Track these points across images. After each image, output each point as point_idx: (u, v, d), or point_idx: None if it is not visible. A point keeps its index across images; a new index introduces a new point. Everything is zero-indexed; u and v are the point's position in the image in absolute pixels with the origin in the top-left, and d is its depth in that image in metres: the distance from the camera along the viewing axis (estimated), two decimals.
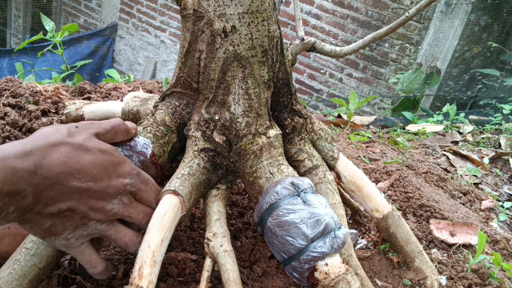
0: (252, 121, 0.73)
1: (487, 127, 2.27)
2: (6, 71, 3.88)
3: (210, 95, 0.73)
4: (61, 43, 1.95)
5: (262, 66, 0.72)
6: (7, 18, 5.42)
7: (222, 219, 0.71)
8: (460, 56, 3.40)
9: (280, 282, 0.78)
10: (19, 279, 0.60)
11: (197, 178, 0.71)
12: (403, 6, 3.49)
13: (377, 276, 0.87)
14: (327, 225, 0.63)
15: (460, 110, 2.62)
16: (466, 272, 0.89)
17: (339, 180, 0.86)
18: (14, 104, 1.18)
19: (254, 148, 0.72)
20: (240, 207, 1.00)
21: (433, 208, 1.10)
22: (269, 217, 0.65)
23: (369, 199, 0.85)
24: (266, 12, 0.70)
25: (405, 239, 0.85)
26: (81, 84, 1.40)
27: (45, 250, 0.63)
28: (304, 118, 0.85)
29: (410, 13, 0.76)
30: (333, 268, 0.62)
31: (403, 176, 1.26)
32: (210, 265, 0.67)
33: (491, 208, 1.29)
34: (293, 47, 0.87)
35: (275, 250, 0.66)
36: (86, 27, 5.38)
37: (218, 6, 0.68)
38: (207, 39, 0.70)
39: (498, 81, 3.27)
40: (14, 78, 1.33)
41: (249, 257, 0.83)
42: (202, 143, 0.74)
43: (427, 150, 1.75)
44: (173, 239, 0.84)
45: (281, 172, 0.71)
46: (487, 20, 3.34)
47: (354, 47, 0.84)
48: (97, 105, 1.09)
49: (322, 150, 0.86)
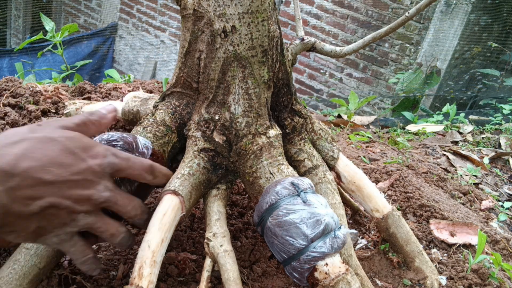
0: (252, 121, 0.73)
1: (487, 127, 2.27)
2: (6, 71, 3.88)
3: (210, 95, 0.73)
4: (61, 43, 1.95)
5: (262, 66, 0.72)
6: (7, 18, 5.42)
7: (222, 219, 0.71)
8: (460, 56, 3.40)
9: (280, 282, 0.78)
10: (19, 279, 0.60)
11: (197, 178, 0.71)
12: (403, 6, 3.49)
13: (377, 276, 0.87)
14: (327, 225, 0.63)
15: (460, 110, 2.62)
16: (466, 272, 0.89)
17: (339, 180, 0.86)
18: (14, 104, 1.18)
19: (254, 148, 0.72)
20: (240, 207, 1.00)
21: (433, 208, 1.10)
22: (269, 217, 0.65)
23: (369, 199, 0.85)
24: (266, 12, 0.70)
25: (405, 239, 0.85)
26: (81, 84, 1.40)
27: (45, 250, 0.63)
28: (304, 118, 0.85)
29: (410, 13, 0.76)
30: (333, 268, 0.62)
31: (403, 176, 1.26)
32: (210, 265, 0.67)
33: (491, 208, 1.29)
34: (293, 47, 0.87)
35: (275, 250, 0.66)
36: (86, 27, 5.38)
37: (218, 6, 0.68)
38: (207, 39, 0.70)
39: (498, 81, 3.27)
40: (14, 78, 1.33)
41: (249, 257, 0.83)
42: (202, 143, 0.74)
43: (427, 150, 1.75)
44: (173, 239, 0.84)
45: (281, 172, 0.71)
46: (487, 20, 3.34)
47: (354, 47, 0.84)
48: (97, 105, 1.09)
49: (322, 150, 0.86)
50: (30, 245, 0.63)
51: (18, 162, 0.49)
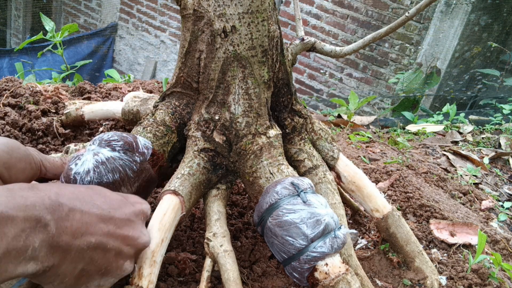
0: (252, 121, 0.73)
1: (487, 127, 2.27)
2: (6, 71, 3.88)
3: (210, 95, 0.73)
4: (61, 43, 1.95)
5: (262, 66, 0.72)
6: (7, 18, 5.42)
7: (222, 219, 0.71)
8: (460, 56, 3.40)
9: (280, 282, 0.78)
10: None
11: (197, 178, 0.71)
12: (403, 6, 3.49)
13: (377, 276, 0.87)
14: (327, 225, 0.63)
15: (460, 110, 2.62)
16: (466, 272, 0.89)
17: (339, 180, 0.86)
18: (14, 104, 1.18)
19: (254, 148, 0.72)
20: (240, 207, 1.00)
21: (433, 208, 1.10)
22: (269, 217, 0.65)
23: (369, 199, 0.85)
24: (266, 12, 0.70)
25: (405, 239, 0.85)
26: (81, 84, 1.40)
27: None
28: (304, 118, 0.85)
29: (410, 13, 0.76)
30: (333, 268, 0.62)
31: (403, 176, 1.26)
32: (210, 265, 0.67)
33: (491, 208, 1.29)
34: (293, 47, 0.87)
35: (275, 250, 0.66)
36: (86, 27, 5.38)
37: (218, 6, 0.68)
38: (207, 39, 0.70)
39: (498, 81, 3.27)
40: (14, 78, 1.33)
41: (249, 257, 0.83)
42: (202, 143, 0.74)
43: (427, 150, 1.75)
44: (173, 239, 0.84)
45: (281, 172, 0.71)
46: (487, 20, 3.34)
47: (354, 47, 0.84)
48: (97, 105, 1.09)
49: (322, 150, 0.86)
50: None
51: (68, 194, 0.48)
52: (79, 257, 0.47)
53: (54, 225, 0.44)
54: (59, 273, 0.46)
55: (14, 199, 0.42)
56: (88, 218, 0.48)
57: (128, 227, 0.52)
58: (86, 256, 0.48)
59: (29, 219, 0.42)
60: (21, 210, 0.42)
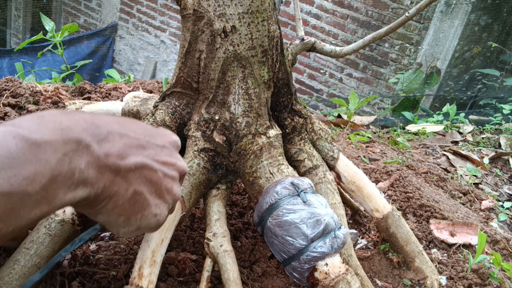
0: (252, 121, 0.73)
1: (487, 127, 2.27)
2: (6, 71, 3.88)
3: (210, 95, 0.73)
4: (61, 43, 1.95)
5: (262, 66, 0.72)
6: (7, 18, 5.42)
7: (222, 219, 0.71)
8: (460, 56, 3.40)
9: (280, 282, 0.78)
10: (19, 279, 0.60)
11: (197, 178, 0.71)
12: (403, 6, 3.49)
13: (377, 276, 0.87)
14: (327, 225, 0.63)
15: (460, 110, 2.62)
16: (466, 272, 0.89)
17: (339, 180, 0.86)
18: (14, 104, 1.18)
19: (254, 148, 0.72)
20: (240, 207, 1.00)
21: (433, 208, 1.10)
22: (269, 217, 0.65)
23: (369, 199, 0.85)
24: (266, 12, 0.70)
25: (405, 239, 0.85)
26: (81, 84, 1.40)
27: (45, 250, 0.63)
28: (304, 118, 0.85)
29: (410, 13, 0.76)
30: (333, 268, 0.62)
31: (403, 176, 1.26)
32: (210, 265, 0.67)
33: (491, 208, 1.29)
34: (293, 47, 0.87)
35: (275, 250, 0.66)
36: (86, 27, 5.38)
37: (218, 6, 0.68)
38: (207, 39, 0.70)
39: (498, 81, 3.27)
40: (14, 78, 1.33)
41: (249, 257, 0.83)
42: (202, 143, 0.74)
43: (427, 150, 1.75)
44: (173, 239, 0.84)
45: (281, 172, 0.71)
46: (487, 20, 3.34)
47: (354, 47, 0.84)
48: (97, 105, 1.10)
49: (322, 150, 0.86)
50: (30, 245, 0.62)
51: (102, 118, 0.45)
52: (128, 177, 0.45)
53: (96, 146, 0.42)
54: (112, 195, 0.44)
55: (47, 125, 0.39)
56: (128, 140, 0.46)
57: (165, 154, 0.51)
58: (135, 176, 0.46)
59: (69, 141, 0.39)
60: (57, 134, 0.39)
